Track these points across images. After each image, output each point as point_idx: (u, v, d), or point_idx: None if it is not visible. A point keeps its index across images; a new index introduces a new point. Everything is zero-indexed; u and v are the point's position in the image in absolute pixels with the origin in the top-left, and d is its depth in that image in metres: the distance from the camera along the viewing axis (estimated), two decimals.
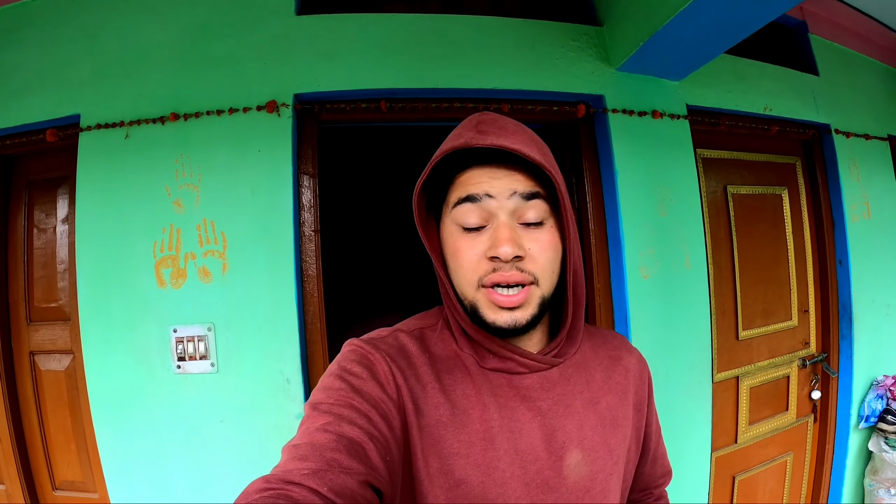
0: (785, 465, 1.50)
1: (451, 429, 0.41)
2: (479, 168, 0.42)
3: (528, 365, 0.44)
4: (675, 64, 1.20)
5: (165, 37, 1.11)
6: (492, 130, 0.41)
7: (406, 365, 0.43)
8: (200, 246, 1.03)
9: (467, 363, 0.45)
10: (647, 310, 1.19)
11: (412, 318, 0.51)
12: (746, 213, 1.38)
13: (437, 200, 0.47)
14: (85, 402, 1.17)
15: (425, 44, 1.09)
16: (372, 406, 0.38)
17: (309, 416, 0.38)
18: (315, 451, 0.33)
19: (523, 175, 0.42)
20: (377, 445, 0.36)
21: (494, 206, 0.41)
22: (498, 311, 0.41)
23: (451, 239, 0.43)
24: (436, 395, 0.42)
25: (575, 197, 1.23)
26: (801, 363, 1.48)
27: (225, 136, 1.04)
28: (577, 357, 0.48)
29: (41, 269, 1.23)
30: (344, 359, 0.43)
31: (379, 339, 0.45)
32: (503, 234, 0.40)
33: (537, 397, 0.44)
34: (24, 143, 1.18)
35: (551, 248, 0.42)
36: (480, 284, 0.41)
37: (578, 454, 0.44)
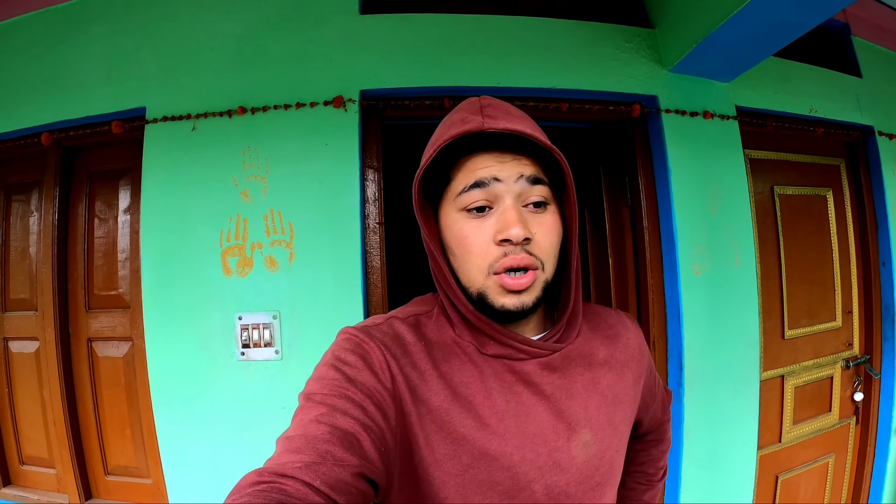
0: (827, 467, 1.49)
1: (454, 414, 0.41)
2: (487, 153, 0.42)
3: (528, 352, 0.44)
4: (726, 66, 1.22)
5: (230, 33, 1.14)
6: (500, 115, 0.41)
7: (401, 353, 0.42)
8: (267, 236, 1.05)
9: (467, 350, 0.44)
10: (698, 306, 1.20)
11: (407, 305, 0.50)
12: (792, 214, 1.39)
13: (434, 188, 0.46)
14: (143, 389, 1.19)
15: (485, 43, 1.12)
16: (366, 396, 0.38)
17: (303, 406, 0.37)
18: (309, 443, 0.33)
19: (529, 160, 0.42)
20: (372, 436, 0.36)
21: (502, 190, 0.40)
22: (506, 295, 0.41)
23: (455, 226, 0.42)
24: (434, 382, 0.42)
25: (628, 195, 1.24)
26: (844, 364, 1.48)
27: (292, 129, 1.07)
28: (578, 340, 0.48)
29: (101, 258, 1.26)
30: (338, 347, 0.42)
31: (373, 327, 0.44)
32: (512, 217, 0.40)
33: (540, 382, 0.44)
34: (87, 134, 1.21)
35: (555, 232, 0.43)
36: (492, 271, 0.41)
37: (588, 434, 0.44)
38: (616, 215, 1.25)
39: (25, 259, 1.31)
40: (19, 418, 1.32)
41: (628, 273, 1.24)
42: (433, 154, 0.41)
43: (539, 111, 1.14)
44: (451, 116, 0.44)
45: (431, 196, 0.47)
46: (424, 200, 0.46)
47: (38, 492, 1.30)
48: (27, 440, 1.32)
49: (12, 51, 1.27)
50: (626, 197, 1.24)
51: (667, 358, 1.23)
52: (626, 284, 1.25)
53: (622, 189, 1.25)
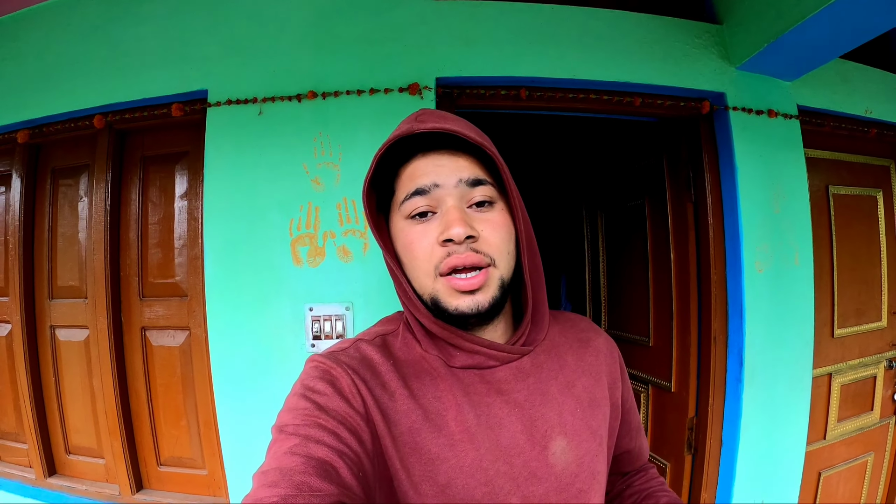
0: (865, 465, 1.52)
1: (426, 433, 0.41)
2: (423, 156, 0.42)
3: (497, 357, 0.44)
4: (793, 65, 1.21)
5: (299, 14, 1.11)
6: (431, 118, 0.41)
7: (370, 375, 0.42)
8: (340, 225, 1.03)
9: (434, 365, 0.44)
10: (759, 303, 1.20)
11: (373, 326, 0.50)
12: (846, 213, 1.40)
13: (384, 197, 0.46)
14: (199, 379, 1.17)
15: (561, 34, 1.10)
16: (339, 422, 0.38)
17: (276, 439, 0.37)
18: (284, 476, 0.33)
19: (467, 160, 0.42)
20: (348, 463, 0.36)
21: (443, 193, 0.41)
22: (459, 297, 0.40)
23: (402, 233, 0.43)
24: (405, 401, 0.42)
25: (692, 190, 1.24)
26: (887, 364, 1.50)
27: (365, 115, 1.05)
28: (546, 343, 0.48)
29: (156, 246, 1.23)
30: (307, 377, 0.42)
31: (340, 352, 0.44)
32: (453, 216, 0.40)
33: (511, 389, 0.43)
34: (144, 117, 1.18)
35: (503, 227, 0.42)
36: (438, 273, 0.41)
37: (562, 441, 0.43)
38: (679, 210, 1.25)
39: (74, 245, 1.28)
40: (66, 407, 1.30)
41: (690, 269, 1.24)
42: (373, 165, 0.42)
43: (613, 105, 1.13)
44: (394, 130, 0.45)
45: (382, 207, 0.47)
46: (378, 213, 0.47)
47: (85, 482, 1.28)
48: (74, 430, 1.29)
49: (62, 29, 1.22)
50: (690, 192, 1.24)
51: (727, 354, 1.23)
52: (687, 280, 1.25)
53: (686, 185, 1.25)
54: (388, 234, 0.46)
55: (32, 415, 1.29)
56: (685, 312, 1.25)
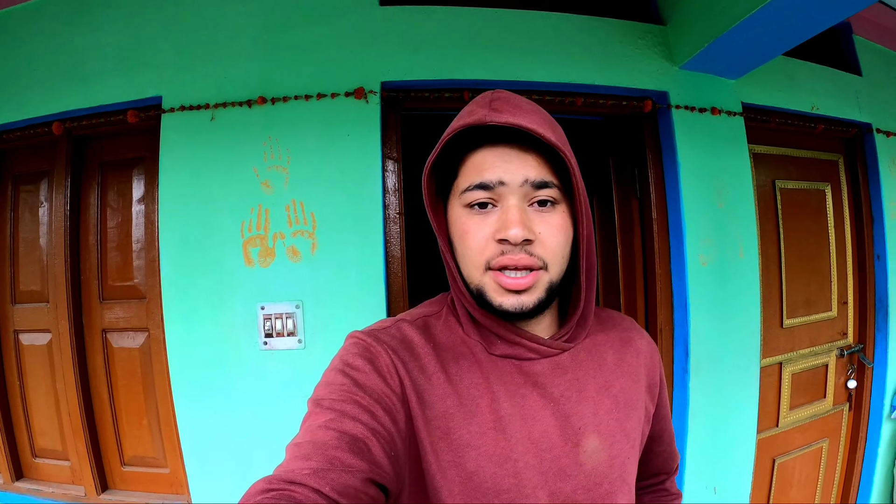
0: (821, 451, 1.56)
1: (459, 419, 0.40)
2: (492, 148, 0.41)
3: (537, 350, 0.43)
4: (735, 64, 1.25)
5: (250, 22, 1.14)
6: (506, 108, 0.40)
7: (409, 356, 0.42)
8: (290, 226, 1.06)
9: (475, 350, 0.44)
10: (704, 295, 1.24)
11: (417, 307, 0.49)
12: (792, 207, 1.44)
13: (446, 180, 0.45)
14: (160, 379, 1.20)
15: (505, 37, 1.14)
16: (375, 400, 0.38)
17: (311, 412, 0.37)
18: (317, 449, 0.33)
19: (536, 158, 0.41)
20: (381, 441, 0.36)
21: (506, 191, 0.40)
22: (504, 294, 0.40)
23: (458, 221, 0.42)
24: (441, 385, 0.41)
25: (637, 187, 1.28)
26: (838, 353, 1.54)
27: (313, 120, 1.08)
28: (587, 341, 0.47)
29: (115, 249, 1.25)
30: (346, 352, 0.42)
31: (381, 331, 0.44)
32: (513, 217, 0.39)
33: (549, 383, 0.43)
34: (101, 123, 1.20)
35: (562, 232, 0.41)
36: (488, 267, 0.40)
37: (595, 440, 0.43)
38: (625, 207, 1.29)
39: (35, 250, 1.30)
40: (31, 411, 1.32)
41: (636, 263, 1.28)
42: (439, 148, 0.41)
43: (555, 105, 1.16)
44: (464, 109, 0.43)
45: (442, 189, 0.46)
46: (436, 194, 0.46)
47: (52, 484, 1.30)
48: (39, 433, 1.32)
49: (22, 38, 1.25)
50: (636, 189, 1.28)
51: (673, 345, 1.27)
52: (634, 274, 1.29)
53: (631, 181, 1.29)
54: (445, 216, 0.46)
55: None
56: (632, 305, 1.28)
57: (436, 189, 0.46)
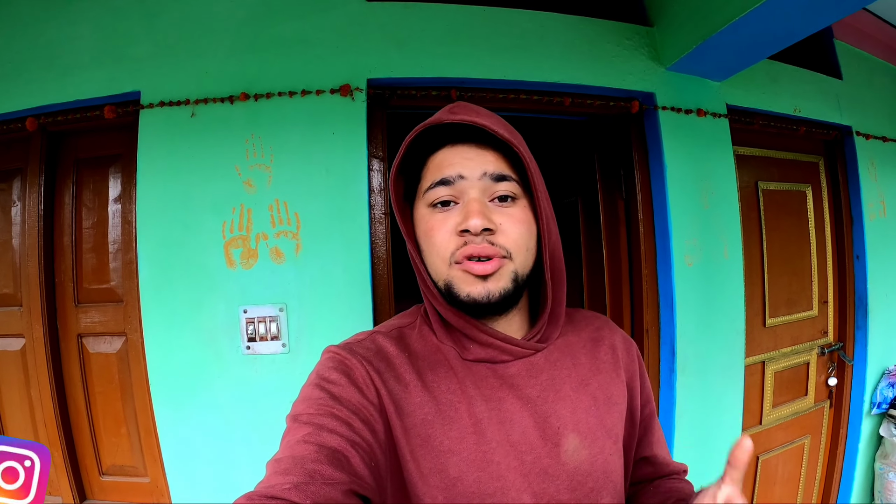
0: (803, 448, 1.59)
1: (438, 426, 0.41)
2: (451, 147, 0.43)
3: (511, 351, 0.44)
4: (721, 66, 1.27)
5: (231, 16, 1.10)
6: (463, 111, 0.42)
7: (385, 367, 0.42)
8: (273, 226, 1.04)
9: (449, 356, 0.44)
10: (690, 296, 1.25)
11: (391, 319, 0.51)
12: (774, 208, 1.47)
13: (411, 184, 0.47)
14: (138, 385, 1.16)
15: (493, 36, 1.13)
16: (352, 412, 0.38)
17: (290, 428, 0.38)
18: (297, 463, 0.33)
19: (494, 155, 0.43)
20: (360, 452, 0.36)
21: (466, 185, 0.42)
22: (471, 283, 0.41)
23: (423, 220, 0.44)
24: (418, 393, 0.42)
25: (623, 188, 1.28)
26: (819, 351, 1.58)
27: (297, 117, 1.05)
28: (560, 340, 0.48)
29: (90, 250, 1.21)
30: (322, 367, 0.42)
31: (355, 344, 0.45)
32: (473, 208, 0.41)
33: (524, 385, 0.44)
34: (76, 119, 1.16)
35: (523, 223, 0.43)
36: (453, 260, 0.41)
37: (575, 438, 0.43)
38: (611, 207, 1.29)
39: (7, 252, 1.24)
40: (5, 420, 1.26)
41: (622, 263, 1.29)
42: (402, 151, 0.43)
43: (543, 105, 1.16)
44: None
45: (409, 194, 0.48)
46: (403, 199, 0.48)
47: None
48: None
49: None
50: (621, 190, 1.28)
51: (660, 345, 1.28)
52: (619, 274, 1.29)
53: (617, 182, 1.29)
54: (412, 220, 0.47)
55: None
56: (618, 306, 1.29)
57: (403, 194, 0.48)
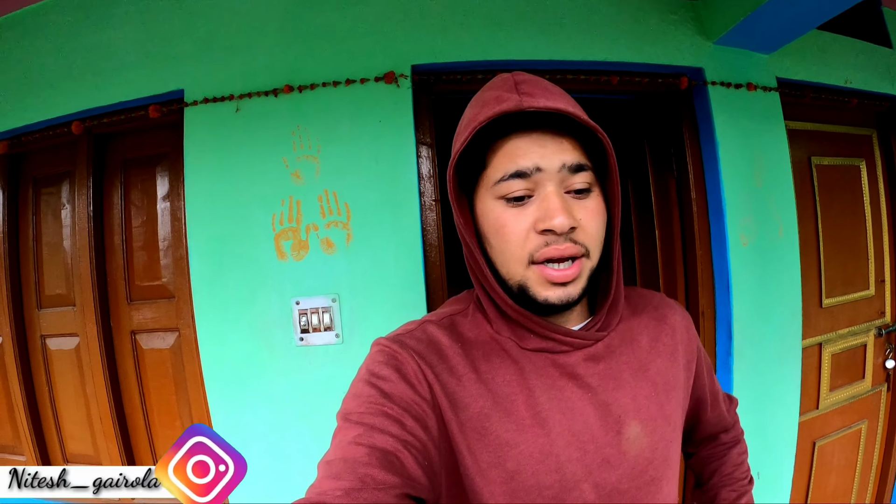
0: (860, 433, 1.53)
1: (495, 419, 0.39)
2: (525, 135, 0.39)
3: (571, 343, 0.42)
4: (770, 38, 1.21)
5: (271, 9, 1.10)
6: (538, 92, 0.38)
7: (437, 359, 0.41)
8: (323, 217, 1.03)
9: (506, 346, 0.43)
10: (746, 277, 1.21)
11: (442, 306, 0.49)
12: (829, 184, 1.41)
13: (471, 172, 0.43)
14: (192, 379, 1.17)
15: (536, 16, 1.10)
16: (404, 409, 0.37)
17: (341, 427, 0.37)
18: (348, 467, 0.33)
19: (571, 143, 0.39)
20: (413, 452, 0.35)
21: (543, 178, 0.38)
22: (550, 288, 0.39)
23: (492, 214, 0.40)
24: (473, 385, 0.40)
25: (674, 167, 1.24)
26: (877, 332, 1.51)
27: (343, 107, 1.04)
28: (620, 326, 0.46)
29: (141, 248, 1.22)
30: (372, 361, 0.41)
31: (406, 335, 0.43)
32: (555, 204, 0.37)
33: (585, 374, 0.42)
34: (121, 120, 1.17)
35: (600, 216, 0.40)
36: (531, 261, 0.39)
37: (637, 426, 0.42)
38: (662, 187, 1.26)
39: (59, 253, 1.27)
40: (61, 416, 1.30)
41: (675, 245, 1.25)
42: (468, 137, 0.39)
43: (591, 84, 1.13)
44: (483, 95, 0.41)
45: (466, 181, 0.44)
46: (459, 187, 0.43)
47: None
48: (70, 437, 1.30)
49: (38, 36, 1.22)
50: (673, 169, 1.25)
51: (715, 328, 1.24)
52: (673, 256, 1.26)
53: (668, 161, 1.25)
54: (470, 209, 0.44)
55: (28, 426, 1.29)
56: (672, 289, 1.25)
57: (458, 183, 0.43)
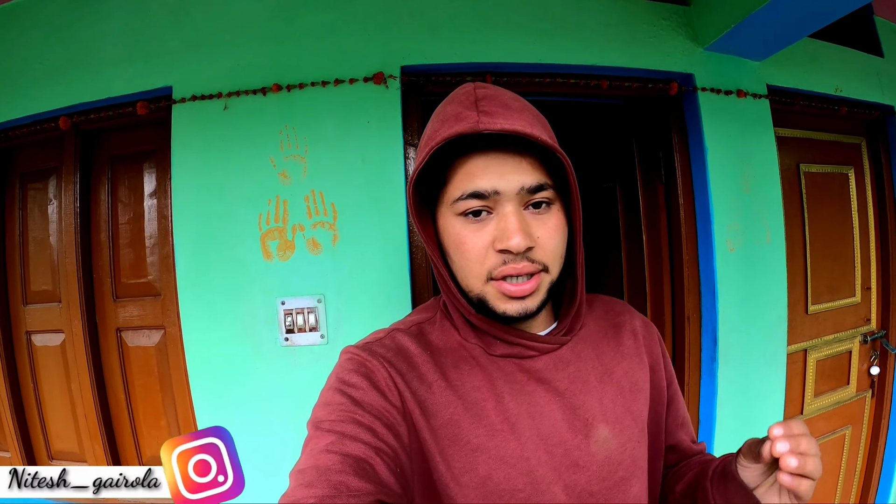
0: (844, 438, 1.55)
1: (466, 424, 0.40)
2: (484, 155, 0.39)
3: (537, 348, 0.43)
4: (761, 45, 1.22)
5: (261, 7, 1.09)
6: (497, 110, 0.38)
7: (407, 367, 0.41)
8: (309, 217, 1.03)
9: (474, 353, 0.43)
10: (732, 282, 1.22)
11: (409, 314, 0.49)
12: (816, 191, 1.42)
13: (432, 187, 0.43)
14: (177, 377, 1.17)
15: (527, 19, 1.10)
16: (375, 417, 0.37)
17: (312, 436, 0.37)
18: (321, 475, 0.33)
19: (530, 161, 0.39)
20: (385, 459, 0.36)
21: (502, 199, 0.39)
22: (508, 301, 0.40)
23: (453, 230, 0.41)
24: (443, 392, 0.41)
25: (662, 172, 1.25)
26: (862, 339, 1.52)
27: (331, 107, 1.04)
28: (583, 331, 0.47)
29: (127, 246, 1.22)
30: (341, 369, 0.41)
31: (375, 343, 0.43)
32: (513, 225, 0.38)
33: (552, 378, 0.43)
34: (109, 116, 1.17)
35: (559, 233, 0.41)
36: (490, 277, 0.40)
37: (605, 429, 0.43)
38: (650, 192, 1.26)
39: (45, 249, 1.26)
40: (46, 413, 1.29)
41: (663, 249, 1.26)
42: (425, 157, 0.39)
43: (580, 88, 1.13)
44: (445, 109, 0.41)
45: (428, 196, 0.44)
46: (421, 202, 0.44)
47: None
48: (55, 435, 1.29)
49: (25, 31, 1.20)
50: (661, 174, 1.25)
51: (701, 332, 1.25)
52: (660, 260, 1.26)
53: (656, 166, 1.26)
54: (433, 224, 0.44)
55: (13, 422, 1.28)
56: (659, 293, 1.26)
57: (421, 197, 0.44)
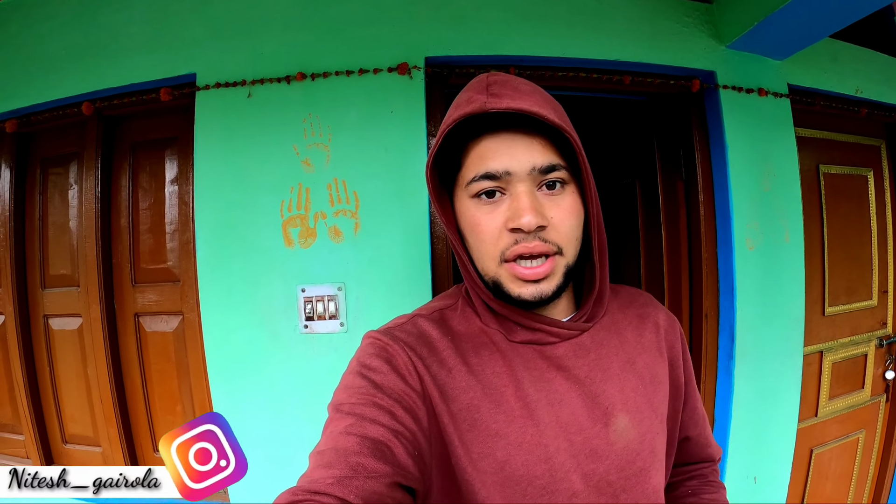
0: (857, 443, 1.54)
1: (485, 410, 0.40)
2: (495, 136, 0.40)
3: (558, 334, 0.43)
4: (783, 44, 1.22)
5: None
6: (505, 92, 0.38)
7: (427, 352, 0.42)
8: (331, 205, 1.03)
9: (495, 339, 0.44)
10: (750, 281, 1.21)
11: (431, 301, 0.50)
12: (836, 192, 1.41)
13: (449, 171, 0.44)
14: (194, 363, 1.17)
15: (551, 12, 1.10)
16: (395, 401, 0.38)
17: (332, 418, 0.38)
18: (340, 456, 0.33)
19: (541, 142, 0.40)
20: (403, 442, 0.36)
21: (513, 180, 0.39)
22: (522, 285, 0.40)
23: (468, 213, 0.41)
24: (463, 377, 0.41)
25: (683, 169, 1.24)
26: (878, 343, 1.51)
27: (355, 96, 1.04)
28: (606, 319, 0.47)
29: (147, 231, 1.22)
30: (363, 353, 0.42)
31: (397, 328, 0.44)
32: (524, 204, 0.38)
33: (572, 365, 0.43)
34: (132, 102, 1.17)
35: (573, 214, 0.41)
36: (503, 259, 0.40)
37: (624, 418, 0.43)
38: (670, 189, 1.26)
39: (65, 234, 1.27)
40: (61, 397, 1.30)
41: (681, 246, 1.25)
42: (438, 140, 0.40)
43: (603, 83, 1.13)
44: (460, 96, 0.42)
45: (447, 180, 0.45)
46: (440, 186, 0.45)
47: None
48: (70, 419, 1.30)
49: (49, 16, 1.21)
50: (681, 171, 1.25)
51: (718, 331, 1.24)
52: (679, 258, 1.26)
53: (677, 163, 1.25)
54: (452, 208, 0.45)
55: (28, 405, 1.29)
56: (676, 290, 1.26)
57: (440, 181, 0.45)
